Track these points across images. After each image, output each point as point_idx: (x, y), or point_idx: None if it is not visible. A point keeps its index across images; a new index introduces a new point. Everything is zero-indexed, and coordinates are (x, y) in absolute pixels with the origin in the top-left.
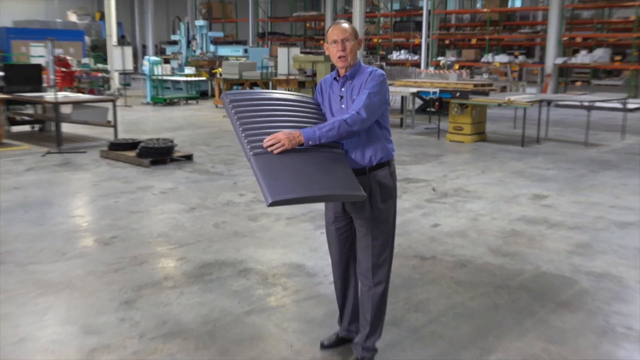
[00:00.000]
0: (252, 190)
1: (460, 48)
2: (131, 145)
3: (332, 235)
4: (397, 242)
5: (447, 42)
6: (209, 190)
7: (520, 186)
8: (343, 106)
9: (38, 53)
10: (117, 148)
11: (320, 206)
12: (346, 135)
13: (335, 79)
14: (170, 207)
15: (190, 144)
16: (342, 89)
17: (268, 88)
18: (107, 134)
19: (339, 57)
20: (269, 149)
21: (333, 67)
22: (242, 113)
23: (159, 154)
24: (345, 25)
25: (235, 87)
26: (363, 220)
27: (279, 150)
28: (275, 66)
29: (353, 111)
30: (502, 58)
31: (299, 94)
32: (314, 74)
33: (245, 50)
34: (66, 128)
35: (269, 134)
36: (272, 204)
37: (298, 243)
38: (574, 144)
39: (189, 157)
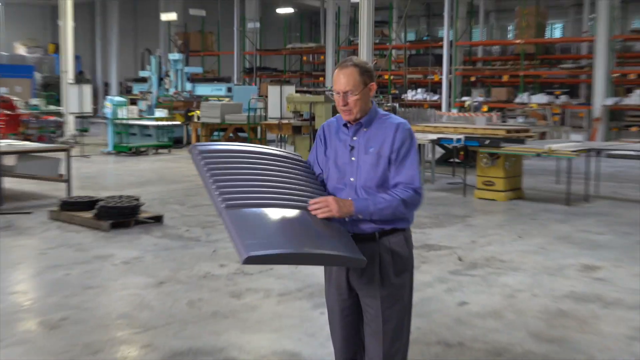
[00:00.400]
0: (235, 260)
1: (489, 86)
2: (88, 204)
3: (335, 317)
4: (414, 325)
5: (473, 79)
6: (182, 260)
7: (566, 255)
8: (354, 159)
9: None
10: (71, 208)
11: (320, 279)
12: (398, 214)
13: (345, 125)
14: (134, 280)
15: (160, 202)
16: (354, 138)
17: (255, 134)
18: (58, 190)
19: (342, 110)
20: (313, 211)
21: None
22: (214, 164)
23: (121, 215)
24: (351, 70)
25: (215, 133)
26: (372, 299)
27: (325, 215)
28: (265, 108)
29: (406, 189)
30: (540, 98)
31: (284, 150)
32: (312, 118)
33: (229, 89)
34: (9, 183)
35: (247, 187)
36: (248, 261)
37: (292, 326)
38: (631, 203)
39: (158, 219)
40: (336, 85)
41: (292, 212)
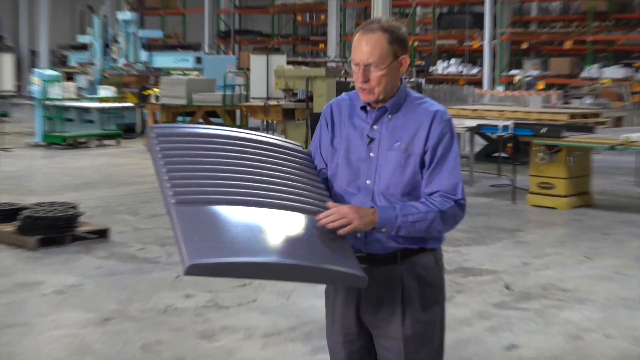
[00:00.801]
0: (206, 289)
1: (546, 56)
2: (8, 214)
3: None
4: None
5: (524, 45)
6: (135, 289)
7: None
8: (372, 155)
9: None
10: None
11: (320, 314)
12: (429, 232)
13: (363, 108)
14: (70, 316)
15: (105, 211)
16: (375, 127)
17: (233, 120)
18: None
19: (361, 89)
20: (328, 225)
21: (350, 90)
22: (172, 150)
23: (53, 229)
24: (378, 36)
25: (180, 118)
26: (391, 341)
27: (341, 227)
28: (247, 85)
29: (446, 199)
30: (615, 72)
31: (275, 136)
32: (310, 98)
33: (198, 60)
34: None
35: (210, 179)
36: (191, 270)
37: None
38: None
39: (102, 234)
40: (356, 55)
41: (269, 215)
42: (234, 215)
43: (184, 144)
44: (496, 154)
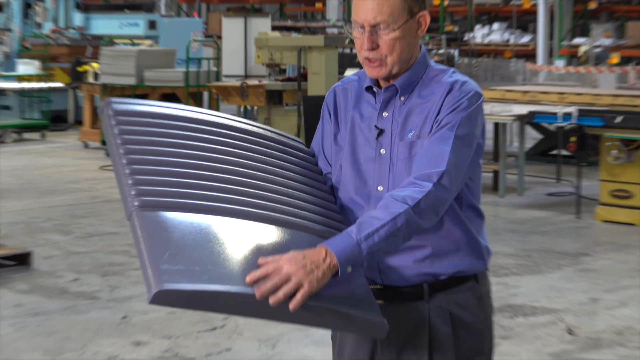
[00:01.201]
0: (163, 334)
1: (622, 19)
2: None
3: None
4: None
5: (592, 5)
6: (67, 335)
7: None
8: (384, 151)
9: None
10: None
11: None
12: (412, 236)
13: (369, 88)
14: None
15: (27, 230)
16: (385, 113)
17: (200, 103)
18: None
19: (367, 60)
20: (271, 301)
21: (357, 65)
22: (136, 135)
23: None
24: None
25: None
26: None
27: (300, 301)
28: (218, 59)
29: (424, 181)
30: None
31: (263, 125)
32: (303, 76)
33: (152, 25)
34: None
35: (184, 177)
36: (158, 298)
37: None
38: None
39: (23, 260)
40: (358, 13)
41: (262, 232)
42: (217, 228)
43: (152, 128)
44: (554, 152)
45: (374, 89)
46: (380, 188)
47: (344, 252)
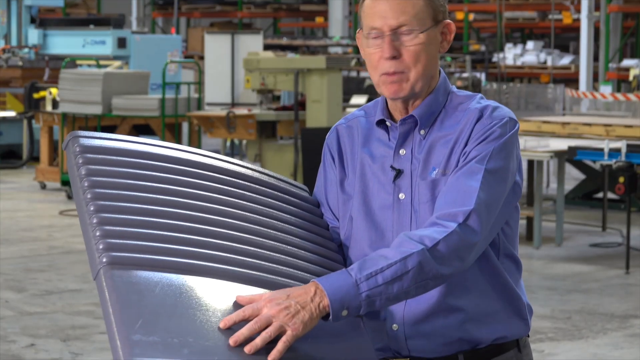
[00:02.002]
0: None
1: None
2: None
3: None
4: None
5: None
6: None
7: None
8: (402, 195)
9: None
10: None
11: None
12: (429, 285)
13: (381, 122)
14: None
15: None
16: (402, 151)
17: (177, 138)
18: None
19: (387, 76)
20: (246, 348)
21: (365, 91)
22: (105, 177)
23: None
24: None
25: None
26: None
27: (284, 348)
28: (200, 84)
29: (448, 220)
30: None
31: (263, 170)
32: (301, 104)
33: (122, 42)
34: None
35: (161, 228)
36: None
37: None
38: None
39: None
40: (374, 17)
41: (252, 292)
42: (200, 291)
43: (126, 169)
44: (599, 195)
45: (387, 123)
46: None
47: (338, 292)
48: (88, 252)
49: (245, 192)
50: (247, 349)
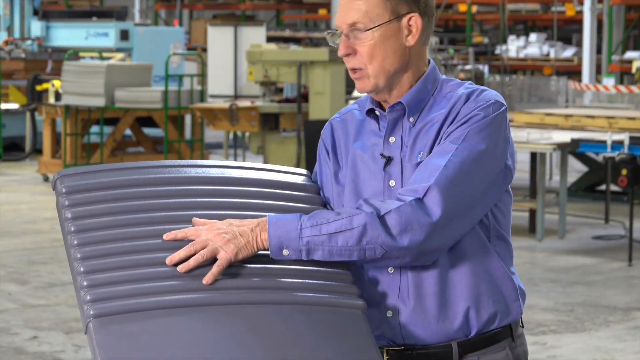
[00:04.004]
0: None
1: None
2: None
3: None
4: None
5: None
6: None
7: None
8: (393, 182)
9: None
10: None
11: None
12: (383, 257)
13: (370, 111)
14: None
15: None
16: (392, 138)
17: (180, 131)
18: None
19: (351, 72)
20: (179, 267)
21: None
22: (92, 217)
23: None
24: None
25: (95, 128)
26: None
27: (210, 276)
28: (203, 75)
29: (407, 195)
30: None
31: (274, 166)
32: (304, 96)
33: (124, 35)
34: None
35: (151, 272)
36: None
37: None
38: None
39: None
40: (336, 16)
41: (243, 318)
42: (194, 323)
43: (114, 204)
44: (602, 187)
45: (377, 112)
46: None
47: (280, 229)
48: (77, 300)
49: (238, 200)
50: (180, 268)
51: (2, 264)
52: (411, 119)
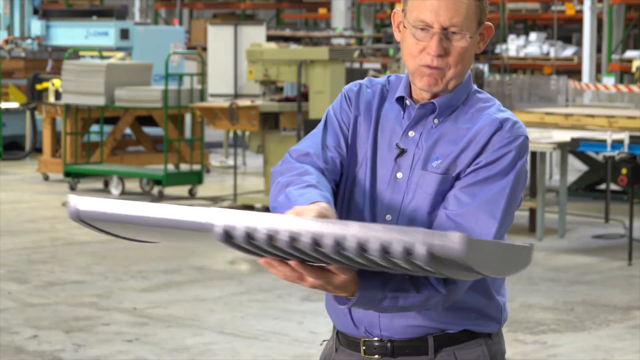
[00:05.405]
0: None
1: None
2: None
3: None
4: None
5: None
6: None
7: None
8: (400, 175)
9: None
10: None
11: None
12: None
13: (400, 99)
14: None
15: None
16: (411, 132)
17: (180, 131)
18: None
19: (427, 68)
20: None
21: (357, 75)
22: None
23: None
24: None
25: (95, 127)
26: None
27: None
28: (203, 75)
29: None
30: None
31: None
32: (304, 95)
33: (124, 34)
34: None
35: None
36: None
37: None
38: None
39: None
40: (426, 12)
41: None
42: None
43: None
44: (602, 187)
45: (407, 102)
46: (388, 217)
47: (364, 301)
48: None
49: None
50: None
51: (2, 263)
52: (436, 121)
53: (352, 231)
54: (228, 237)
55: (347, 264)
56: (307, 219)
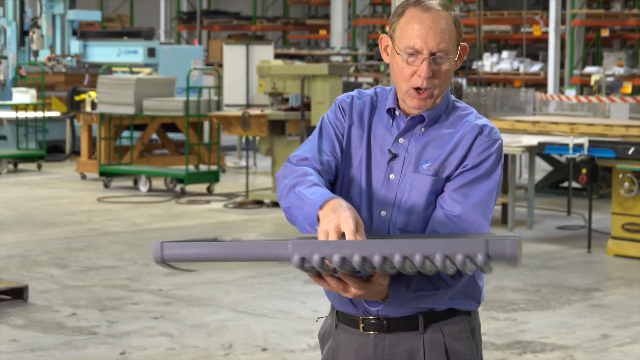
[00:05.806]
0: None
1: (635, 47)
2: None
3: None
4: None
5: (605, 33)
6: None
7: None
8: (392, 176)
9: None
10: None
11: None
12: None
13: (391, 110)
14: None
15: (23, 263)
16: (401, 140)
17: (200, 135)
18: None
19: (417, 91)
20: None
21: (347, 88)
22: None
23: None
24: (444, 16)
25: (125, 133)
26: None
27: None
28: (219, 87)
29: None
30: None
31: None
32: (307, 105)
33: (151, 52)
34: None
35: None
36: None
37: None
38: None
39: (18, 294)
40: (417, 39)
41: None
42: None
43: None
44: (565, 184)
45: (397, 113)
46: (383, 213)
47: (394, 300)
48: None
49: None
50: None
51: (45, 251)
52: (422, 129)
53: (418, 249)
54: (302, 263)
55: (384, 272)
56: (373, 240)
